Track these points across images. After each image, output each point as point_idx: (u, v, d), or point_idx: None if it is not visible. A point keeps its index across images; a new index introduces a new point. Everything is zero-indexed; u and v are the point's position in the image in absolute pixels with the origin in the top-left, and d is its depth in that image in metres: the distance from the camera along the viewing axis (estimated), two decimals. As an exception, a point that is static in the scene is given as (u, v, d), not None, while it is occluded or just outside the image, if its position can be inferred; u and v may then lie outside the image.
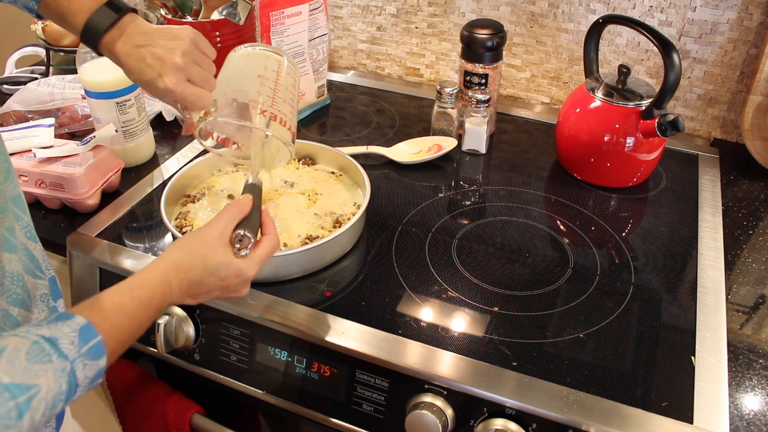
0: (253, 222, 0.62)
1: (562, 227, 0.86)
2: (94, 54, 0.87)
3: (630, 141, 0.88)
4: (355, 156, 0.89)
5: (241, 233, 0.60)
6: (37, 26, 1.18)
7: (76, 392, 0.46)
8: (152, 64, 0.63)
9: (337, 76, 1.28)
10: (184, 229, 0.78)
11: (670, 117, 0.83)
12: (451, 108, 1.00)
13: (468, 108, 0.99)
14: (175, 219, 0.81)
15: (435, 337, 0.67)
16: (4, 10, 1.45)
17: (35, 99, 1.02)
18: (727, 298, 0.74)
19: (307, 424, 0.75)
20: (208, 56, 0.67)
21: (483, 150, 1.01)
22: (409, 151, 1.00)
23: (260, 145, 0.69)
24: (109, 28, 0.64)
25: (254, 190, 0.65)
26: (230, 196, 0.84)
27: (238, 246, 0.60)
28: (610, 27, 1.02)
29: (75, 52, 0.91)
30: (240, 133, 0.73)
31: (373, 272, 0.76)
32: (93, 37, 0.64)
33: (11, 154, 0.86)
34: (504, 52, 1.05)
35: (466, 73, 1.01)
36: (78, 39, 0.67)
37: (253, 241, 0.61)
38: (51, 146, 0.87)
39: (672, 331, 0.69)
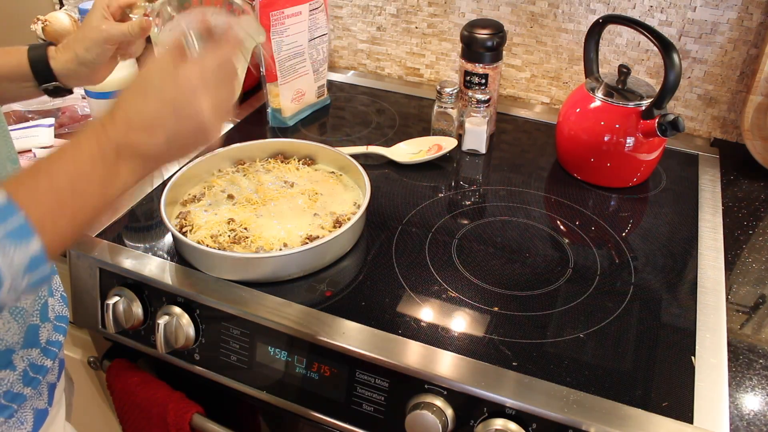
0: (211, 28, 0.52)
1: (562, 227, 0.86)
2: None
3: (630, 141, 0.88)
4: (355, 156, 0.89)
5: (184, 30, 0.51)
6: (37, 26, 1.17)
7: (1, 282, 0.39)
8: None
9: (337, 76, 1.28)
10: (183, 229, 0.78)
11: (670, 117, 0.83)
12: (451, 108, 1.00)
13: (468, 108, 0.99)
14: (175, 219, 0.81)
15: (435, 337, 0.67)
16: (4, 10, 1.46)
17: (35, 99, 1.01)
18: (727, 298, 0.74)
19: (307, 424, 0.75)
20: None
21: (483, 150, 1.01)
22: (409, 151, 1.00)
23: None
24: (49, 45, 0.68)
25: None
26: (230, 196, 0.84)
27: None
28: (610, 27, 1.02)
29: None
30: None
31: (373, 272, 0.76)
32: (42, 56, 0.67)
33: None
34: (504, 52, 1.05)
35: (466, 73, 1.01)
36: (33, 82, 0.69)
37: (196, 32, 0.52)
38: (51, 146, 0.87)
39: (672, 331, 0.69)
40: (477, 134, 0.99)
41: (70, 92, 0.72)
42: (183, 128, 0.49)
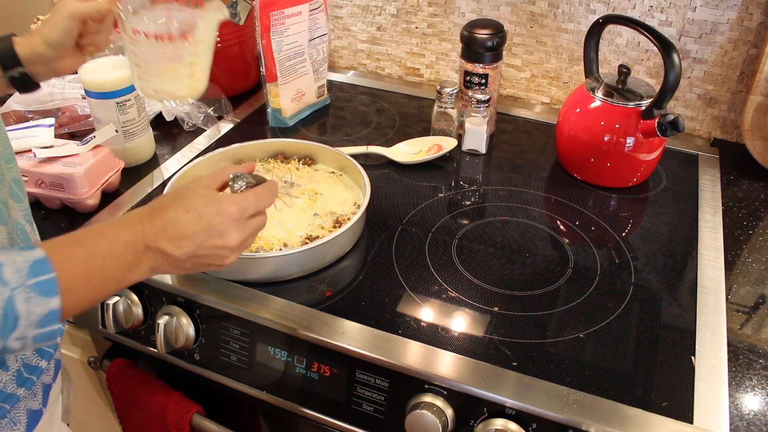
0: (255, 178, 0.59)
1: (562, 227, 0.86)
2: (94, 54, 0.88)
3: (630, 141, 0.88)
4: (355, 156, 0.89)
5: (234, 175, 0.57)
6: (37, 26, 1.17)
7: (16, 327, 0.43)
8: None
9: (337, 76, 1.28)
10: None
11: (670, 117, 0.83)
12: (451, 108, 1.00)
13: (468, 108, 0.99)
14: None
15: (435, 337, 0.67)
16: (4, 10, 1.46)
17: (35, 99, 1.02)
18: (727, 298, 0.74)
19: (307, 424, 0.75)
20: None
21: (483, 150, 1.01)
22: (409, 151, 1.00)
23: None
24: (13, 35, 0.67)
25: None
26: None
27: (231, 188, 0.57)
28: (610, 27, 1.02)
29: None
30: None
31: (373, 272, 0.76)
32: (7, 43, 0.67)
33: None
34: (504, 52, 1.05)
35: (466, 73, 1.01)
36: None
37: (246, 182, 0.58)
38: (51, 146, 0.87)
39: (672, 331, 0.69)
40: (477, 134, 0.99)
41: (38, 86, 0.70)
42: (207, 250, 0.54)
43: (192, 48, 0.67)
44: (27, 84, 0.69)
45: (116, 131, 0.91)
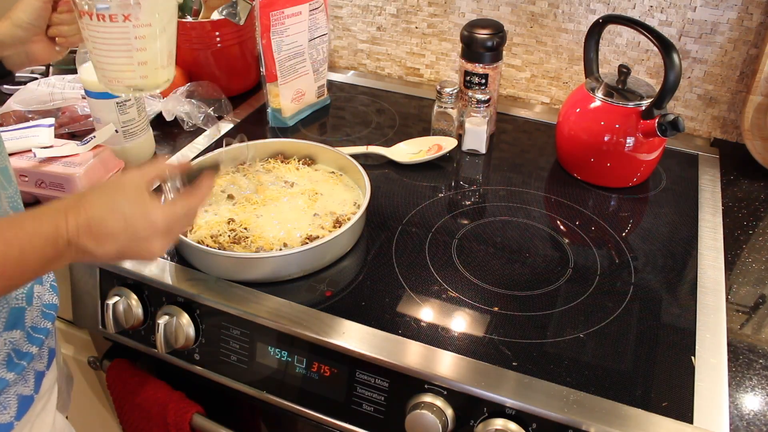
0: (190, 175, 0.59)
1: (562, 227, 0.86)
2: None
3: (630, 141, 0.88)
4: (355, 156, 0.89)
5: (170, 184, 0.57)
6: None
7: None
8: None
9: (337, 76, 1.28)
10: (184, 229, 0.78)
11: (670, 117, 0.83)
12: (451, 108, 1.00)
13: (468, 108, 0.99)
14: (175, 219, 0.80)
15: (435, 337, 0.67)
16: (4, 9, 1.45)
17: (35, 99, 1.02)
18: (727, 298, 0.74)
19: (307, 424, 0.75)
20: None
21: (483, 150, 1.01)
22: (409, 151, 1.00)
23: None
24: None
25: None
26: (230, 197, 0.84)
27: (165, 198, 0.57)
28: (610, 27, 1.02)
29: (75, 52, 0.91)
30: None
31: (373, 272, 0.76)
32: None
33: (11, 154, 0.86)
34: (504, 52, 1.05)
35: (466, 73, 1.01)
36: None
37: (178, 188, 0.58)
38: (51, 146, 0.87)
39: (672, 331, 0.69)
40: (477, 134, 0.99)
41: (9, 73, 0.69)
42: (130, 251, 0.54)
43: (138, 31, 0.64)
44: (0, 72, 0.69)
45: (116, 131, 0.91)
